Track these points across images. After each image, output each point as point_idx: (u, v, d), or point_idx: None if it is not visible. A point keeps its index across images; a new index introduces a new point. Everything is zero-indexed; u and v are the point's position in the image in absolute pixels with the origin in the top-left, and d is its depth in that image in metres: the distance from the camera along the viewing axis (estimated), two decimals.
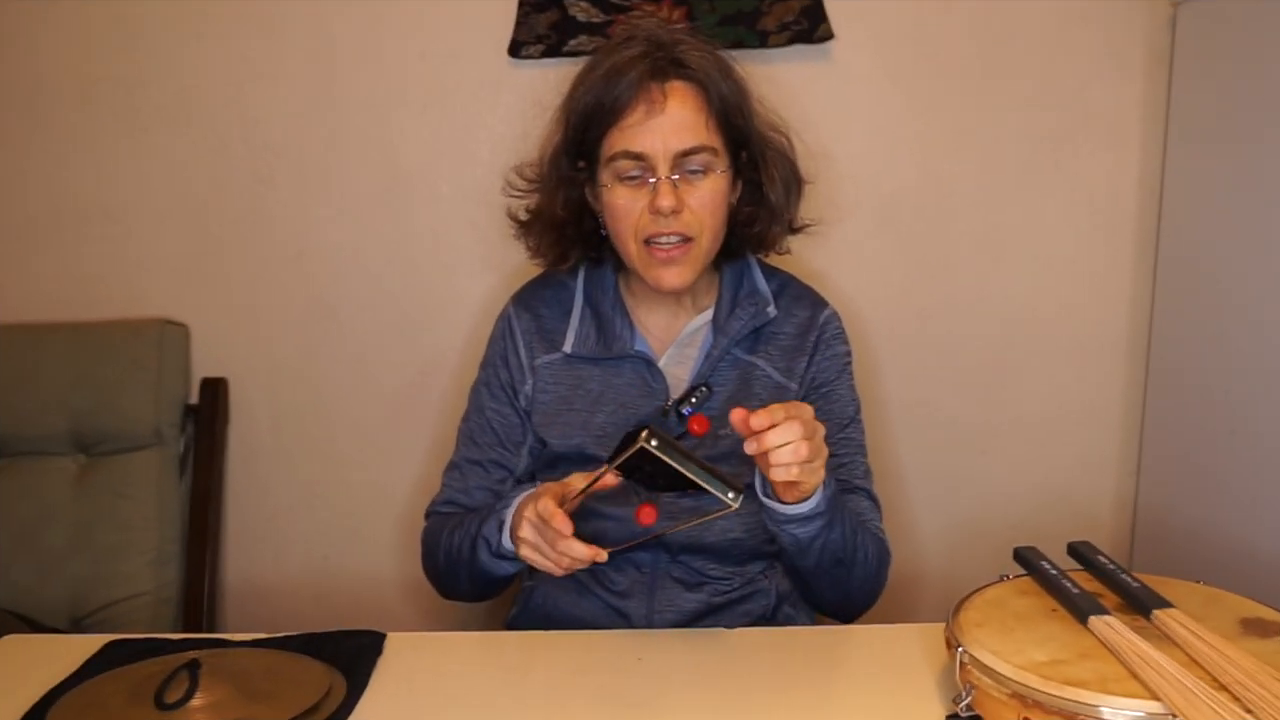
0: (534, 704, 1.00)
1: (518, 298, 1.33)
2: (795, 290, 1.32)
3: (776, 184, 1.25)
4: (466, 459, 1.30)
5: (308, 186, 1.74)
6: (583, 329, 1.27)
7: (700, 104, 1.17)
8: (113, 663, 1.06)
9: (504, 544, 1.13)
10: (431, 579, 1.31)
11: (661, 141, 1.15)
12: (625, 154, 1.16)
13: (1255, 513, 1.47)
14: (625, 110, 1.15)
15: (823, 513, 1.08)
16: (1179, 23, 1.63)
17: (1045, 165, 1.72)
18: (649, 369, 1.24)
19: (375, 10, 1.68)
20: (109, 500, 1.66)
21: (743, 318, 1.25)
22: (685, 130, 1.15)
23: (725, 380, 1.24)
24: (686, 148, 1.15)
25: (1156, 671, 0.83)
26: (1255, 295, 1.47)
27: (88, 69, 1.71)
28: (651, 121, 1.14)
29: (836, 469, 1.27)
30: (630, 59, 1.15)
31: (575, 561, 1.04)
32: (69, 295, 1.77)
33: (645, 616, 1.22)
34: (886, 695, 0.99)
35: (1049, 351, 1.77)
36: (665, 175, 1.15)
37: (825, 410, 1.27)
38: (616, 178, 1.18)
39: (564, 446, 1.24)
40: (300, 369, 1.79)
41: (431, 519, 1.32)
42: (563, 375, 1.26)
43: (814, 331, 1.28)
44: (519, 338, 1.29)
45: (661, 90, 1.15)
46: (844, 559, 1.16)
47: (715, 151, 1.17)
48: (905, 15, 1.67)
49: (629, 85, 1.14)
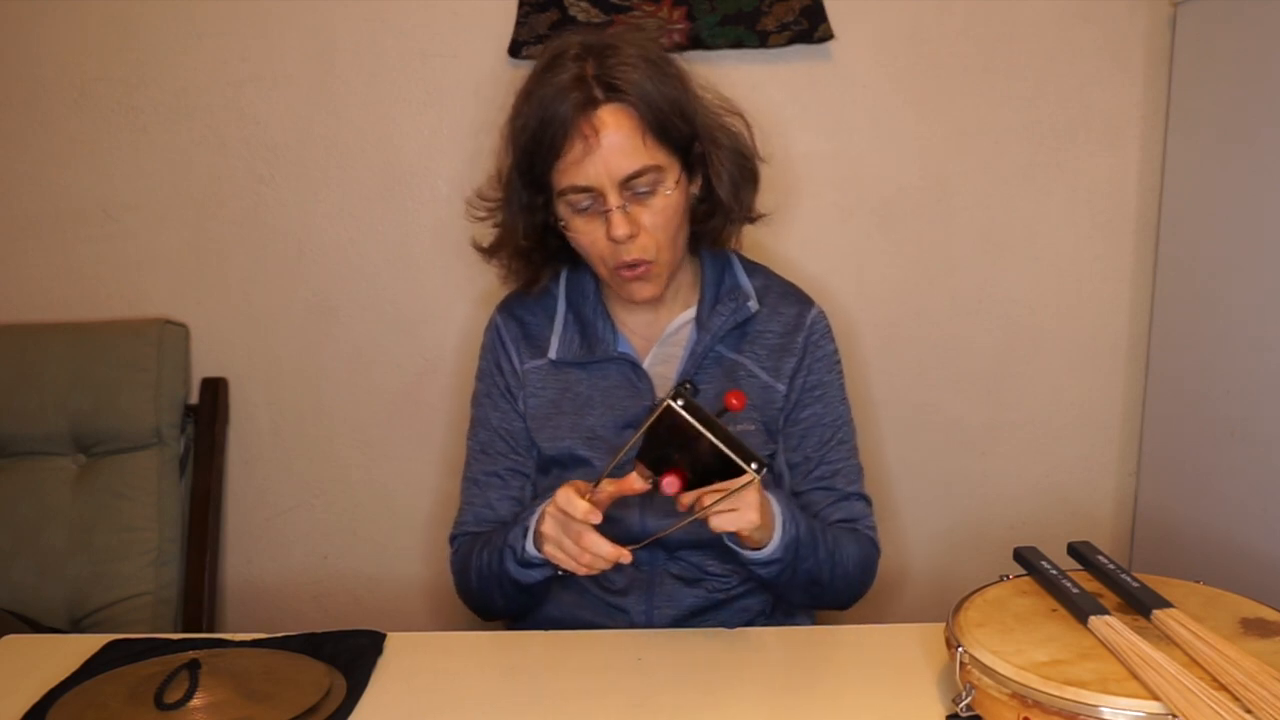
0: (533, 704, 1.00)
1: (503, 306, 1.33)
2: (780, 287, 1.31)
3: (724, 180, 1.23)
4: (484, 473, 1.29)
5: (308, 186, 1.74)
6: (566, 334, 1.27)
7: (634, 125, 1.14)
8: (113, 663, 1.06)
9: (528, 549, 1.11)
10: (467, 601, 1.28)
11: (605, 170, 1.13)
12: (573, 189, 1.15)
13: (1255, 513, 1.47)
14: (563, 147, 1.14)
15: (780, 558, 1.11)
16: (1179, 23, 1.63)
17: (1045, 165, 1.72)
18: (634, 370, 1.24)
19: (375, 10, 1.68)
20: (109, 500, 1.66)
21: (724, 314, 1.25)
22: (624, 156, 1.13)
23: (710, 378, 1.24)
24: (629, 173, 1.14)
25: (1156, 671, 0.83)
26: (1255, 295, 1.46)
27: (87, 68, 1.71)
28: (590, 156, 1.13)
29: (831, 477, 1.27)
30: (560, 89, 1.13)
31: (598, 559, 1.02)
32: (69, 295, 1.77)
33: (644, 613, 1.22)
34: (886, 695, 0.99)
35: (1049, 352, 1.78)
36: (616, 204, 1.14)
37: (818, 413, 1.27)
38: (572, 211, 1.18)
39: (555, 450, 1.24)
40: (300, 369, 1.79)
41: (459, 542, 1.30)
42: (550, 380, 1.27)
43: (802, 331, 1.27)
44: (509, 345, 1.29)
45: (591, 123, 1.13)
46: (819, 579, 1.18)
47: (660, 168, 1.15)
48: (905, 15, 1.67)
49: (563, 121, 1.13)
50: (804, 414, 1.27)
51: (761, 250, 1.69)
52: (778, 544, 1.10)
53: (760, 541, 1.09)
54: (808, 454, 1.27)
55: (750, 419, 1.24)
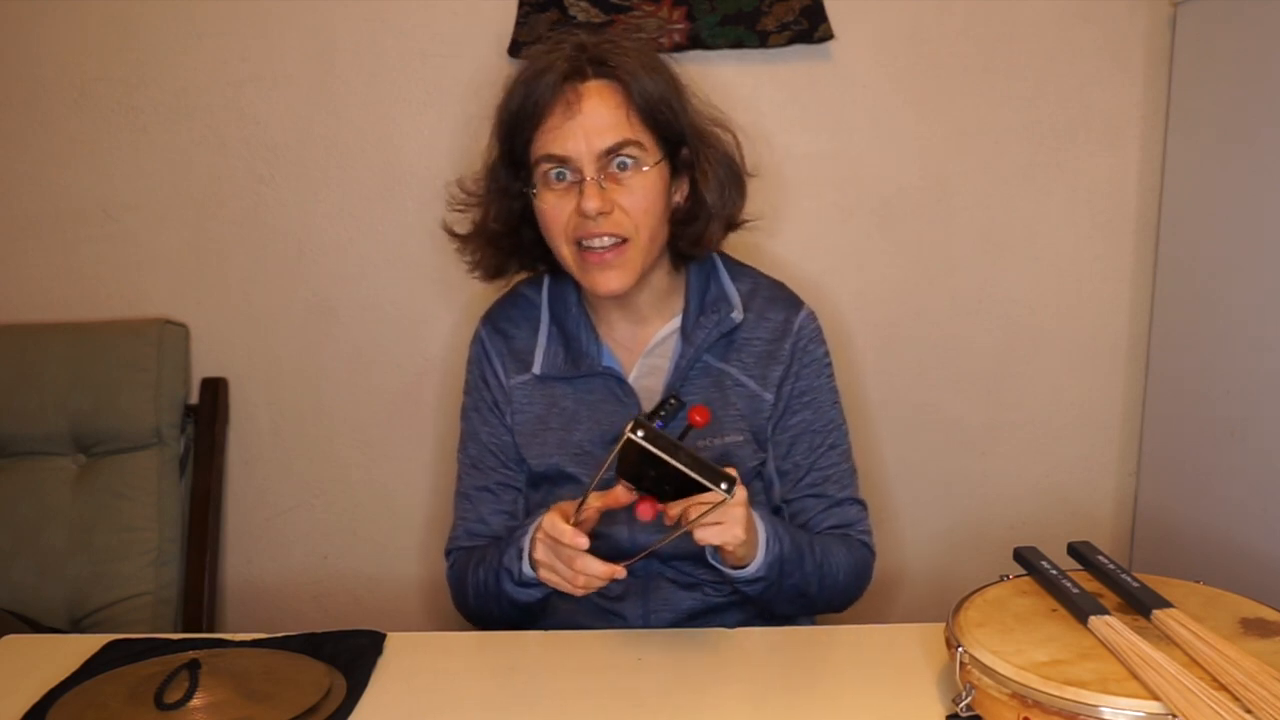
0: (534, 704, 1.00)
1: (487, 319, 1.32)
2: (767, 292, 1.28)
3: (711, 181, 1.21)
4: (474, 487, 1.28)
5: (308, 186, 1.74)
6: (550, 348, 1.25)
7: (619, 100, 1.14)
8: (113, 663, 1.06)
9: (524, 571, 1.11)
10: (467, 617, 1.28)
11: (584, 141, 1.12)
12: (548, 157, 1.14)
13: (1255, 513, 1.47)
14: (544, 114, 1.13)
15: (764, 576, 1.11)
16: (1179, 23, 1.63)
17: (1045, 165, 1.72)
18: (620, 385, 1.23)
19: (375, 10, 1.68)
20: (109, 500, 1.65)
21: (707, 325, 1.23)
22: (606, 128, 1.13)
23: (698, 389, 1.22)
24: (609, 145, 1.13)
25: (1156, 671, 0.83)
26: (1255, 295, 1.46)
27: (87, 68, 1.71)
28: (570, 123, 1.12)
29: (822, 484, 1.26)
30: (550, 63, 1.14)
31: (592, 579, 1.02)
32: (69, 295, 1.77)
33: (641, 617, 1.22)
34: (886, 695, 0.99)
35: (1049, 352, 1.78)
36: (591, 176, 1.13)
37: (808, 419, 1.25)
38: (545, 183, 1.16)
39: (543, 466, 1.23)
40: (300, 369, 1.79)
41: (454, 557, 1.29)
42: (536, 395, 1.25)
43: (789, 338, 1.25)
44: (494, 360, 1.28)
45: (577, 91, 1.13)
46: (805, 592, 1.18)
47: (640, 145, 1.14)
48: (905, 15, 1.67)
49: (547, 88, 1.13)
50: (793, 420, 1.25)
51: (761, 250, 1.69)
52: (761, 562, 1.10)
53: (744, 559, 1.09)
54: (797, 461, 1.25)
55: (738, 429, 1.22)
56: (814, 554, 1.17)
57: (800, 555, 1.15)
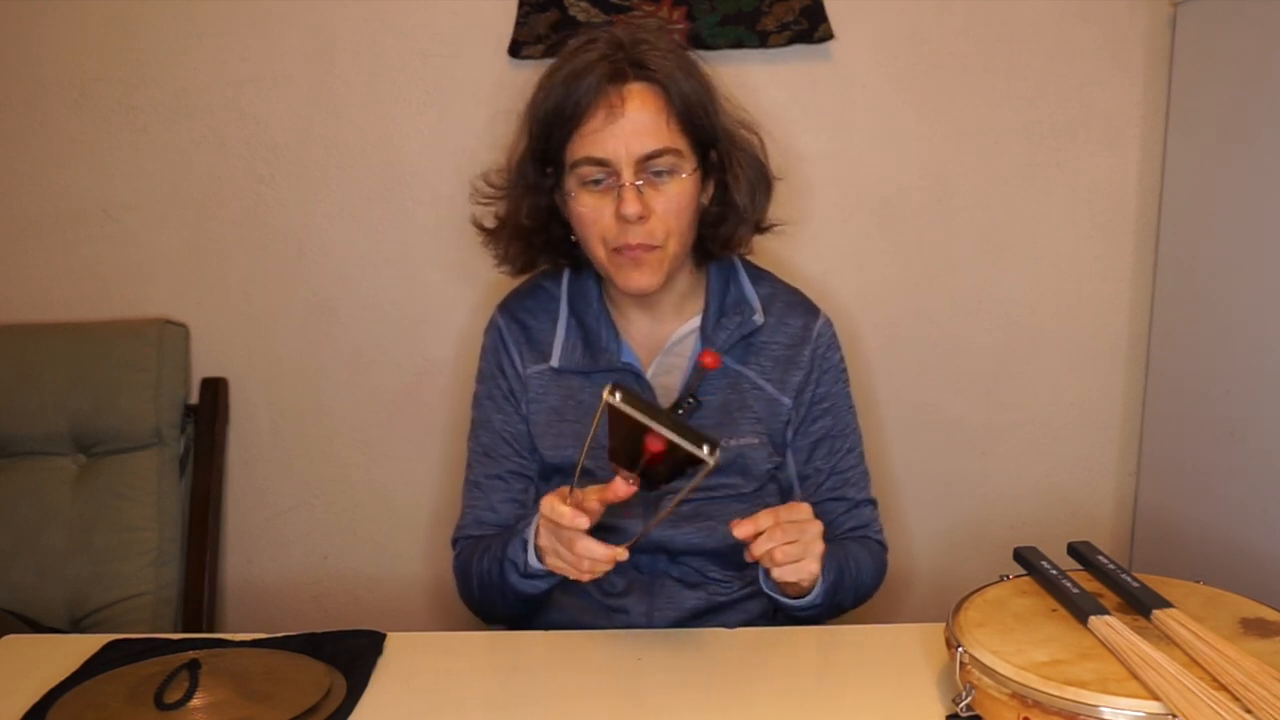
0: (534, 704, 1.00)
1: (504, 307, 1.31)
2: (786, 297, 1.30)
3: (742, 184, 1.22)
4: (486, 475, 1.28)
5: (308, 186, 1.74)
6: (569, 341, 1.25)
7: (660, 105, 1.14)
8: (113, 663, 1.06)
9: (530, 563, 1.11)
10: (471, 607, 1.28)
11: (624, 146, 1.12)
12: (588, 160, 1.14)
13: (1255, 513, 1.47)
14: (585, 116, 1.13)
15: (819, 603, 1.13)
16: (1179, 23, 1.63)
17: (1045, 165, 1.72)
18: (637, 381, 1.23)
19: (375, 10, 1.68)
20: (109, 500, 1.66)
21: (729, 327, 1.24)
22: (646, 133, 1.13)
23: (715, 390, 1.23)
24: (649, 151, 1.13)
25: (1156, 671, 0.83)
26: (1255, 295, 1.46)
27: (87, 68, 1.71)
28: (612, 126, 1.12)
29: (842, 487, 1.28)
30: (589, 63, 1.13)
31: (595, 562, 1.01)
32: (69, 295, 1.77)
33: (645, 614, 1.22)
34: (886, 695, 0.99)
35: (1049, 352, 1.78)
36: (630, 181, 1.13)
37: (828, 425, 1.27)
38: (581, 184, 1.16)
39: (557, 458, 1.23)
40: (300, 369, 1.79)
41: (460, 546, 1.29)
42: (552, 387, 1.25)
43: (809, 344, 1.26)
44: (511, 348, 1.27)
45: (620, 94, 1.13)
46: (842, 605, 1.22)
47: (679, 153, 1.15)
48: (905, 15, 1.67)
49: (588, 90, 1.12)
50: (814, 427, 1.26)
51: (761, 250, 1.68)
52: (819, 590, 1.11)
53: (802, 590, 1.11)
54: (818, 466, 1.27)
55: (754, 431, 1.23)
56: (851, 570, 1.20)
57: (843, 575, 1.17)
